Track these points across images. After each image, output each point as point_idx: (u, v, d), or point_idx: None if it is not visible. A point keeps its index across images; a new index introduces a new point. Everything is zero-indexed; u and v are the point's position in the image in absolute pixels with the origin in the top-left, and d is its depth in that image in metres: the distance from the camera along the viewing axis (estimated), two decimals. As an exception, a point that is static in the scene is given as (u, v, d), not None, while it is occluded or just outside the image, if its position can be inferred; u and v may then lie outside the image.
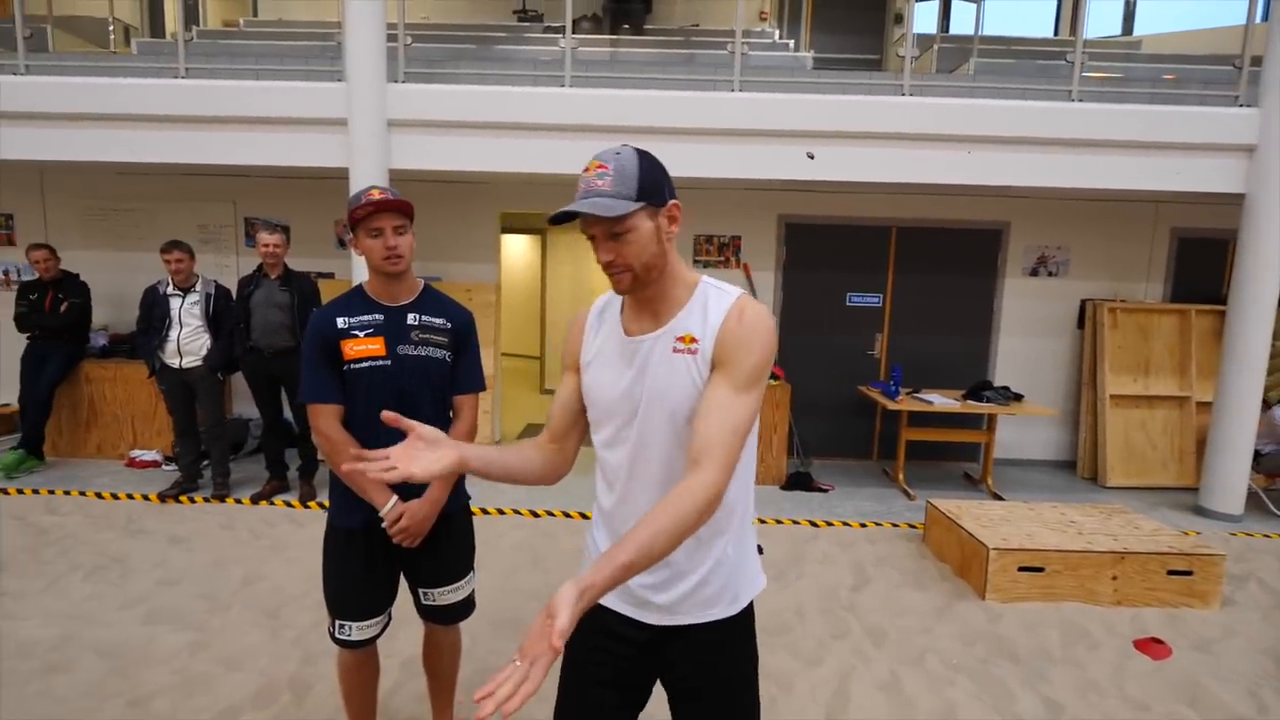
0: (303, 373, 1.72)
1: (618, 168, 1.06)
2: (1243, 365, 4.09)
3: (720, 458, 1.01)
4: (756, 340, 1.07)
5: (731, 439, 1.03)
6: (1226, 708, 2.36)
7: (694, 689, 1.22)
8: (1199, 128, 4.03)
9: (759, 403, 1.09)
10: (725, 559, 1.18)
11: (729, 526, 1.17)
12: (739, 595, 1.21)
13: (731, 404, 1.05)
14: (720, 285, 1.16)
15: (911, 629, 2.83)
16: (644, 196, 1.07)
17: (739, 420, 1.04)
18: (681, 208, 1.14)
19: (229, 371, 4.16)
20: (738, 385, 1.06)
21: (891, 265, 5.19)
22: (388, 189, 1.70)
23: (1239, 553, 3.68)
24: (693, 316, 1.12)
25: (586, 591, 0.87)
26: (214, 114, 4.02)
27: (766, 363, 1.09)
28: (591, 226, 1.07)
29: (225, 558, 3.32)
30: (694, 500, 0.98)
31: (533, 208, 5.20)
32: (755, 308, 1.12)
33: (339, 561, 1.77)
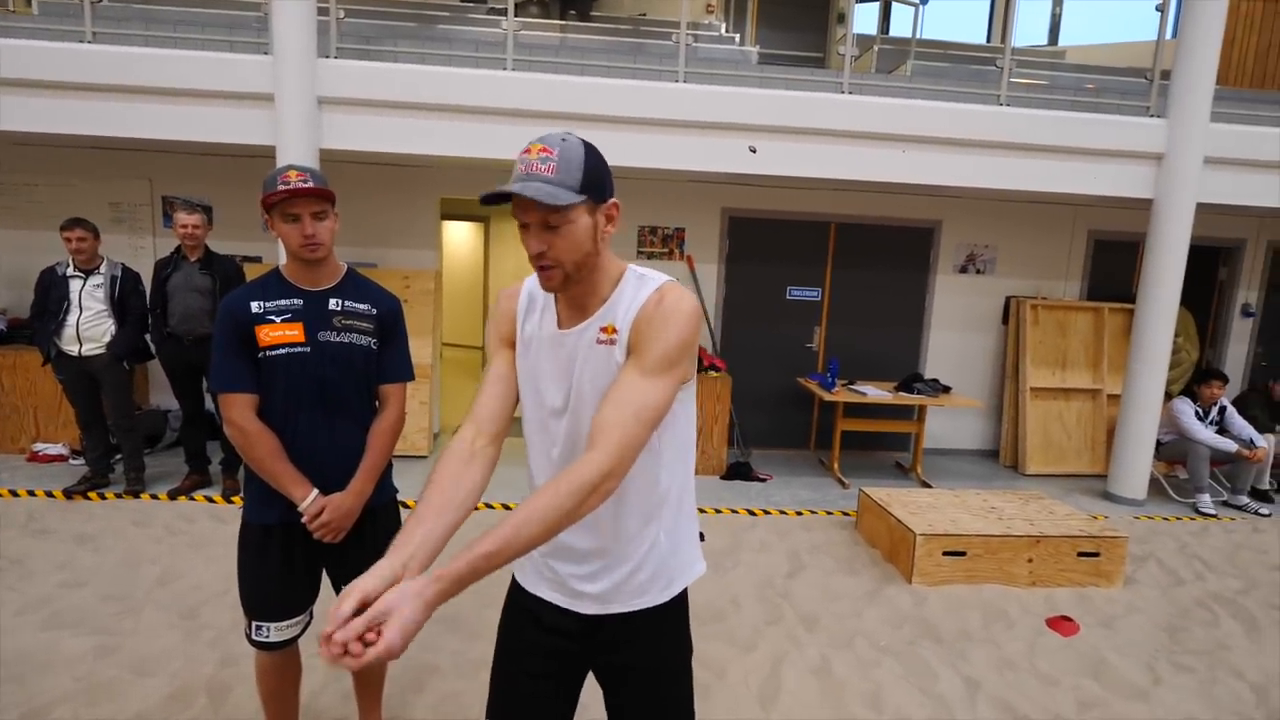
0: (213, 359, 1.63)
1: (563, 154, 1.01)
2: (1148, 361, 4.38)
3: (615, 440, 0.97)
4: (671, 325, 1.04)
5: (631, 422, 0.98)
6: (1126, 680, 2.54)
7: (626, 678, 1.22)
8: (1113, 135, 4.28)
9: (672, 388, 1.04)
10: (658, 545, 1.16)
11: (661, 513, 1.16)
12: (672, 582, 1.20)
13: (637, 387, 1.01)
14: (644, 274, 1.13)
15: (843, 613, 2.92)
16: (586, 190, 1.02)
17: (643, 404, 1.00)
18: (620, 208, 1.11)
19: (137, 360, 3.90)
20: (646, 369, 1.02)
21: (830, 260, 5.31)
22: (307, 170, 1.61)
23: (1141, 535, 3.96)
24: (616, 307, 1.09)
25: (440, 582, 0.83)
26: (127, 83, 3.74)
27: (681, 347, 1.05)
28: (527, 213, 1.01)
29: (138, 556, 3.13)
30: (575, 483, 0.93)
31: (474, 193, 5.07)
32: (676, 294, 1.08)
33: (255, 559, 1.68)
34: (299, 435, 1.65)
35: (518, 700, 1.23)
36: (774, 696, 2.34)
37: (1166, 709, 2.38)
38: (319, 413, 1.66)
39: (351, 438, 1.71)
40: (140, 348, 3.81)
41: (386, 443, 1.74)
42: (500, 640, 1.28)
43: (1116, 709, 2.37)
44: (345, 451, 1.69)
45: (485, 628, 2.69)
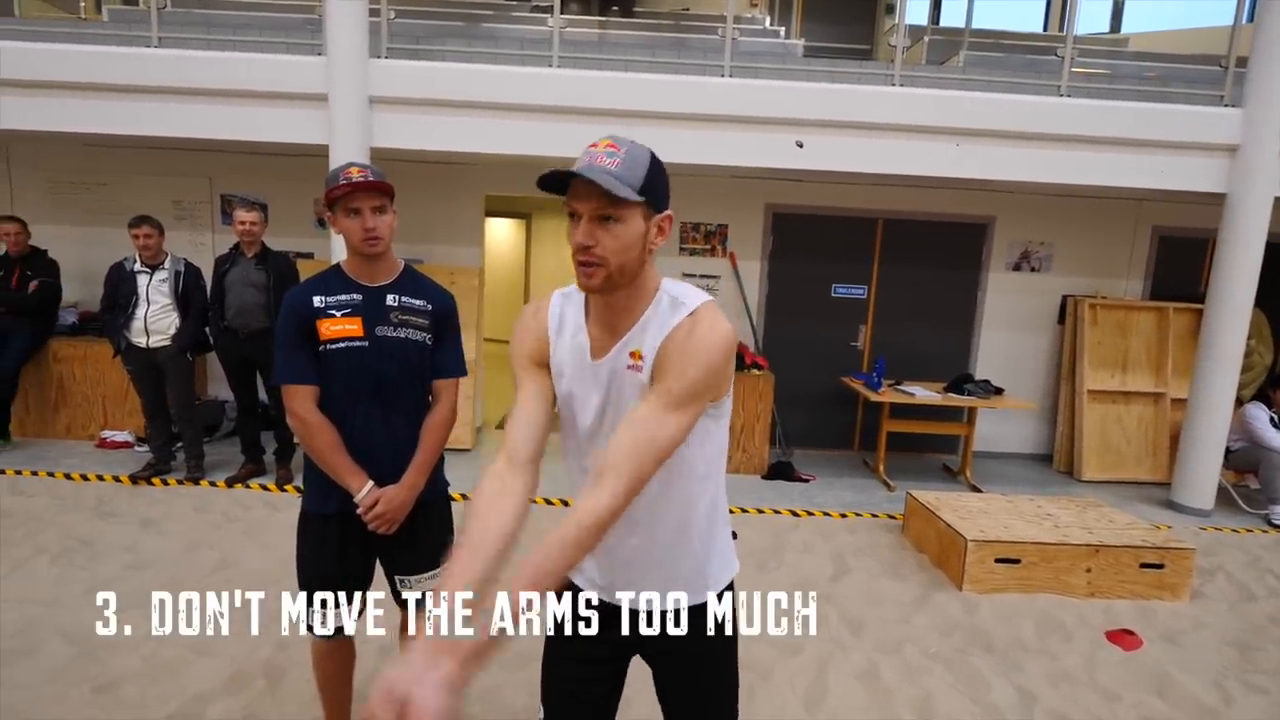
0: (277, 353, 1.67)
1: (629, 153, 1.01)
2: (1219, 363, 4.15)
3: (625, 474, 0.96)
4: (700, 358, 1.00)
5: (645, 457, 0.97)
6: (1194, 698, 2.42)
7: (671, 663, 1.25)
8: (1184, 127, 4.07)
9: (691, 419, 1.00)
10: (693, 552, 1.19)
11: (696, 522, 1.17)
12: (708, 583, 1.21)
13: (654, 420, 0.98)
14: (679, 296, 1.07)
15: (889, 618, 2.86)
16: (647, 193, 1.01)
17: (658, 438, 0.98)
18: (672, 222, 1.09)
19: (200, 351, 4.06)
20: (666, 403, 0.99)
21: (877, 257, 5.19)
22: (368, 166, 1.64)
23: (1208, 546, 3.76)
24: (645, 332, 1.06)
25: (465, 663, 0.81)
26: (189, 85, 3.89)
27: (708, 381, 1.01)
28: (582, 202, 1.00)
29: (198, 541, 3.26)
30: (586, 521, 0.94)
31: (518, 190, 5.12)
32: (709, 322, 1.03)
33: (314, 547, 1.73)
34: (355, 427, 1.69)
35: (570, 685, 1.26)
36: (820, 700, 2.30)
37: (1240, 731, 2.26)
38: (375, 406, 1.69)
39: (405, 431, 1.74)
40: (201, 340, 3.97)
41: (439, 437, 1.77)
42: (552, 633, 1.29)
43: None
44: (399, 444, 1.72)
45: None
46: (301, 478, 4.10)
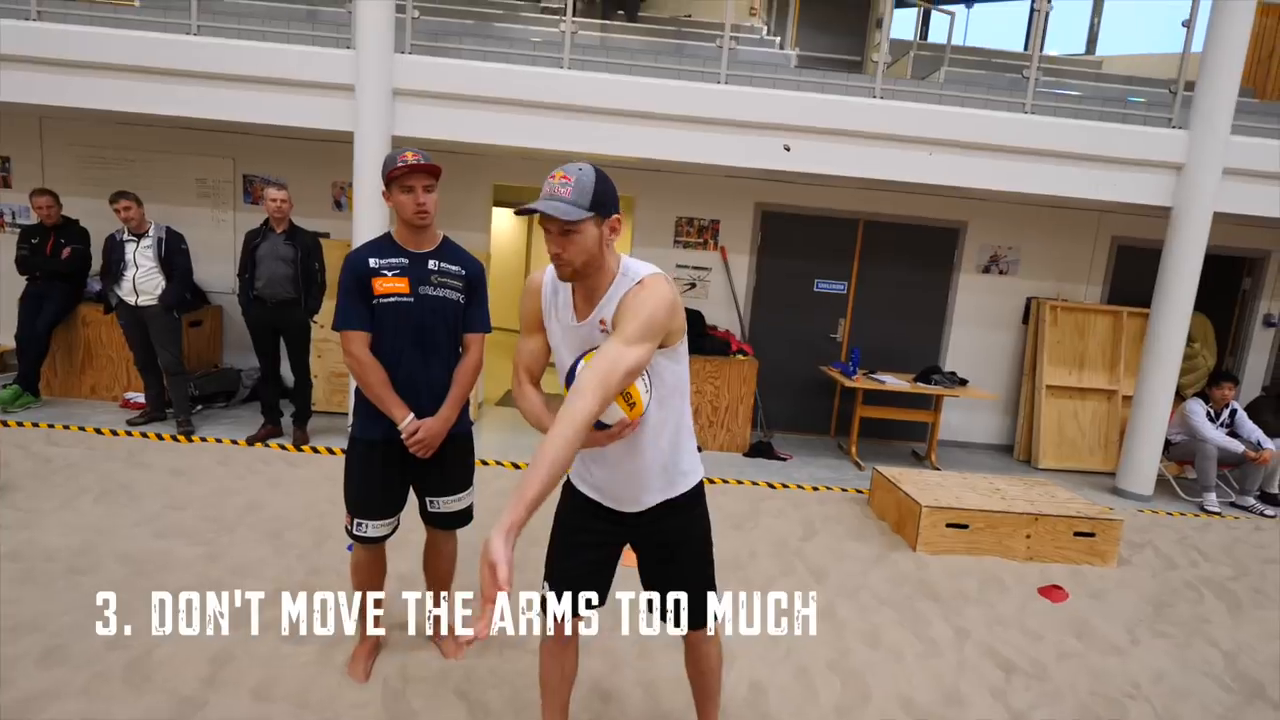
0: (338, 303, 2.00)
1: (578, 180, 1.35)
2: (1160, 363, 4.56)
3: (593, 392, 1.27)
4: (643, 308, 1.35)
5: (607, 375, 1.29)
6: (1106, 639, 2.80)
7: (657, 543, 1.66)
8: (1135, 144, 4.46)
9: (645, 352, 1.34)
10: (663, 456, 1.57)
11: (663, 435, 1.54)
12: (676, 480, 1.62)
13: (613, 350, 1.32)
14: (632, 271, 1.43)
15: (850, 572, 3.22)
16: (595, 208, 1.36)
17: (620, 361, 1.30)
18: (622, 221, 1.44)
19: (183, 310, 4.53)
20: (622, 340, 1.33)
21: (857, 256, 5.57)
22: (420, 151, 1.97)
23: (1143, 526, 4.16)
24: (610, 303, 1.43)
25: (510, 532, 1.15)
26: (225, 72, 4.19)
27: (651, 325, 1.34)
28: (549, 223, 1.36)
29: (226, 489, 3.56)
30: (571, 431, 1.24)
31: (525, 181, 5.46)
32: (651, 286, 1.38)
33: (361, 468, 2.06)
34: (401, 369, 2.02)
35: (574, 564, 1.68)
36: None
37: (1139, 664, 2.63)
38: (417, 352, 2.03)
39: (441, 375, 2.07)
40: (185, 299, 4.45)
41: (468, 380, 2.11)
42: (559, 521, 1.72)
43: (1092, 660, 2.63)
44: (436, 385, 2.06)
45: (528, 560, 3.04)
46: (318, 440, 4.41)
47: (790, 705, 2.23)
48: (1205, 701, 2.44)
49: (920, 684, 2.40)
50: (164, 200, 5.22)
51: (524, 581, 2.55)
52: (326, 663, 2.23)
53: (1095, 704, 2.37)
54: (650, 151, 4.39)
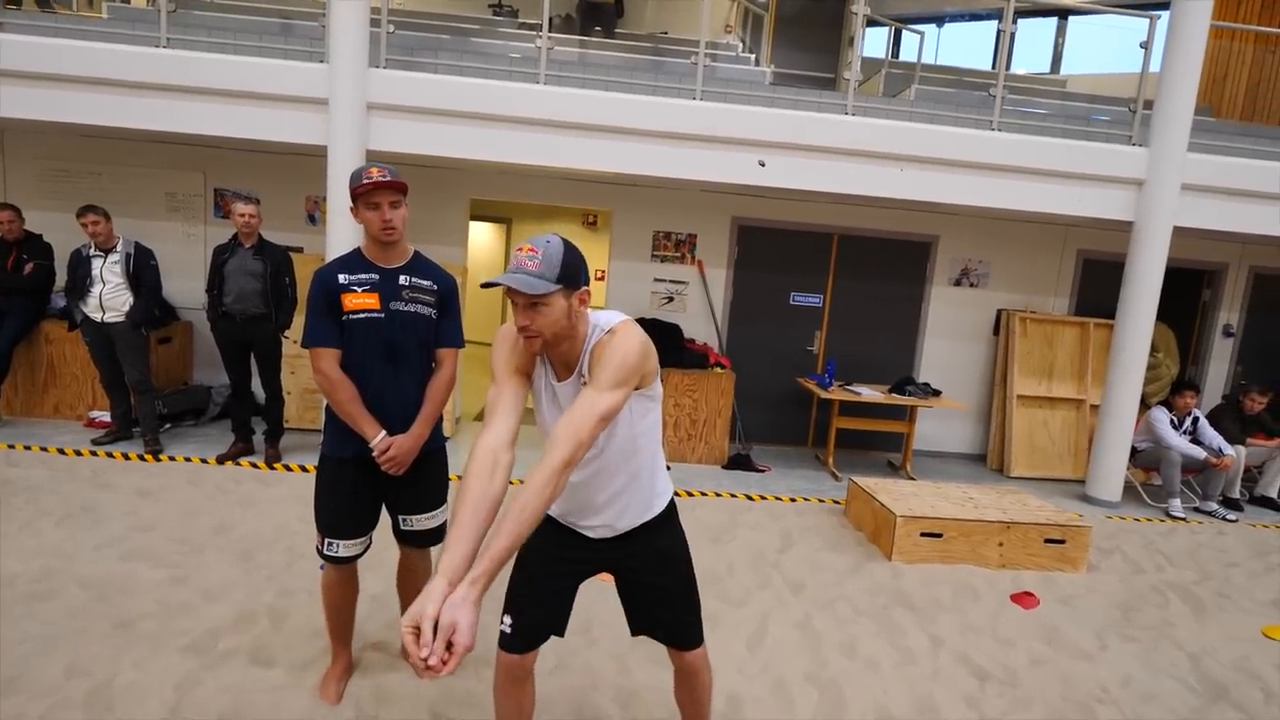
0: (307, 320, 1.98)
1: (545, 254, 1.34)
2: (1125, 372, 4.68)
3: (568, 443, 1.28)
4: (615, 356, 1.36)
5: (580, 425, 1.30)
6: (1075, 645, 2.84)
7: (635, 566, 1.65)
8: (1098, 161, 4.60)
9: (620, 398, 1.36)
10: (641, 487, 1.60)
11: (641, 469, 1.58)
12: (652, 504, 1.63)
13: (588, 399, 1.33)
14: (602, 323, 1.44)
15: (826, 583, 3.24)
16: (562, 280, 1.35)
17: (595, 408, 1.32)
18: (591, 294, 1.45)
19: (151, 327, 4.44)
20: (598, 388, 1.35)
21: (832, 269, 5.65)
22: (386, 167, 1.97)
23: (1111, 532, 4.25)
24: (585, 358, 1.45)
25: (476, 584, 1.11)
26: (196, 85, 4.14)
27: (628, 365, 1.36)
28: (516, 295, 1.34)
29: (195, 509, 3.48)
30: (544, 482, 1.25)
31: (502, 195, 5.47)
32: (622, 334, 1.40)
33: (332, 486, 2.03)
34: (371, 385, 2.00)
35: (536, 592, 1.64)
36: (759, 642, 2.66)
37: (1108, 668, 2.68)
38: (388, 368, 2.01)
39: (413, 390, 2.06)
40: (154, 316, 4.36)
41: (441, 396, 2.09)
42: (527, 550, 1.65)
43: (1063, 665, 2.67)
44: (407, 401, 2.04)
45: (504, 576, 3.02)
46: (290, 458, 4.34)
47: (767, 717, 2.23)
48: (1171, 704, 2.49)
49: (896, 693, 2.41)
50: (132, 215, 5.14)
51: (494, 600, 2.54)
52: (297, 685, 2.18)
53: (1066, 709, 2.41)
54: (627, 166, 4.43)
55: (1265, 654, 2.88)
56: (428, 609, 1.09)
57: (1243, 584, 3.62)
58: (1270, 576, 3.76)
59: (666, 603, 1.66)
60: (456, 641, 1.07)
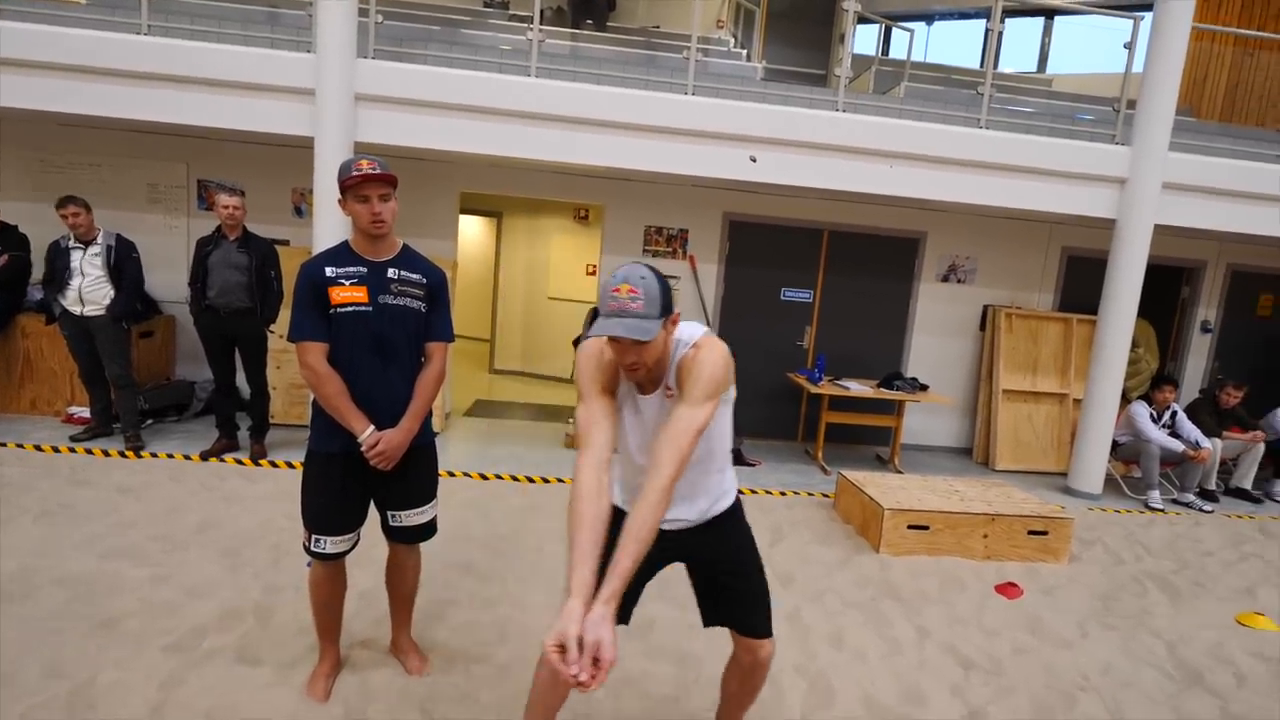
0: (293, 314, 1.95)
1: (646, 291, 1.40)
2: (1106, 368, 4.75)
3: (672, 459, 1.40)
4: (704, 371, 1.46)
5: (683, 442, 1.41)
6: (1057, 634, 2.89)
7: (714, 552, 1.73)
8: (1082, 159, 4.65)
9: (711, 409, 1.46)
10: (711, 484, 1.69)
11: (718, 467, 1.68)
12: (725, 496, 1.74)
13: (684, 416, 1.43)
14: (685, 338, 1.52)
15: (815, 575, 3.26)
16: (663, 313, 1.42)
17: (691, 425, 1.42)
18: (680, 317, 1.52)
19: (133, 321, 4.36)
20: (691, 403, 1.45)
21: (822, 265, 5.67)
22: (376, 159, 1.94)
23: (1092, 524, 4.32)
24: (671, 372, 1.54)
25: (609, 602, 1.26)
26: (178, 73, 4.06)
27: (714, 381, 1.46)
28: (621, 342, 1.41)
29: (178, 507, 3.43)
30: (657, 500, 1.37)
31: (492, 188, 5.43)
32: (707, 347, 1.49)
33: (319, 482, 2.00)
34: (360, 379, 1.98)
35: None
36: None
37: (1089, 656, 2.73)
38: (377, 362, 1.99)
39: (402, 385, 2.04)
40: (135, 310, 4.28)
41: (430, 391, 2.08)
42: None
43: (1045, 654, 2.72)
44: (396, 395, 2.02)
45: (494, 572, 3.02)
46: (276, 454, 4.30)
47: (757, 708, 2.24)
48: (1149, 690, 2.54)
49: (883, 684, 2.44)
50: (113, 206, 5.04)
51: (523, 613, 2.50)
52: (284, 684, 2.16)
53: (1048, 697, 2.45)
54: (618, 161, 4.41)
55: (1238, 640, 2.95)
56: (570, 629, 1.22)
57: (1217, 573, 3.69)
58: (1244, 565, 3.84)
59: (739, 592, 1.73)
60: (602, 656, 1.21)
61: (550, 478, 4.35)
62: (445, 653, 2.40)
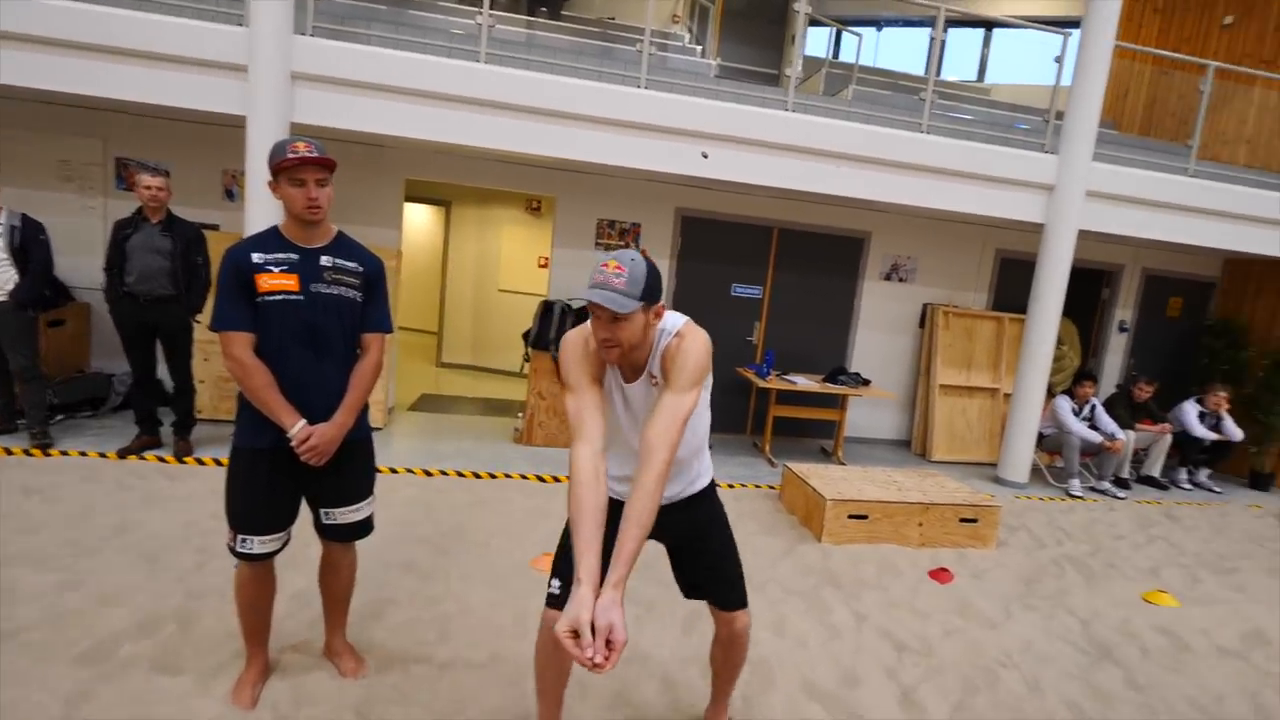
0: (216, 302, 1.84)
1: (631, 272, 1.45)
2: (1032, 364, 5.00)
3: (665, 444, 1.47)
4: (689, 356, 1.53)
5: (673, 429, 1.48)
6: (984, 615, 3.03)
7: (689, 530, 1.80)
8: (1015, 166, 4.87)
9: (696, 395, 1.53)
10: (687, 466, 1.77)
11: (692, 451, 1.75)
12: (701, 477, 1.83)
13: (672, 403, 1.50)
14: (668, 327, 1.58)
15: (760, 565, 3.32)
16: (644, 298, 1.47)
17: (677, 413, 1.50)
18: (665, 309, 1.58)
19: (40, 309, 4.04)
20: (677, 390, 1.52)
21: (772, 262, 5.76)
22: (313, 142, 1.85)
23: (1019, 510, 4.55)
24: (654, 360, 1.60)
25: (618, 587, 1.34)
26: (93, 42, 3.77)
27: (698, 369, 1.53)
28: (600, 309, 1.46)
29: (91, 508, 3.20)
30: (655, 487, 1.44)
31: (439, 176, 5.28)
32: (690, 336, 1.56)
33: (245, 479, 1.90)
34: (291, 371, 1.88)
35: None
36: (694, 625, 2.70)
37: (1011, 635, 2.88)
38: (310, 353, 1.90)
39: (336, 377, 1.95)
40: (43, 296, 3.97)
41: (367, 383, 2.00)
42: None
43: (973, 634, 2.85)
44: (330, 389, 1.94)
45: (437, 570, 2.95)
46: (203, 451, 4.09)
47: (699, 697, 2.27)
48: (1064, 665, 2.70)
49: (822, 668, 2.50)
50: (18, 183, 4.66)
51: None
52: (207, 693, 2.05)
53: (974, 675, 2.56)
54: (570, 152, 4.35)
55: (1144, 616, 3.17)
56: (582, 615, 1.30)
57: (1128, 554, 3.96)
58: (1151, 547, 4.13)
59: (711, 567, 1.82)
60: (615, 639, 1.28)
61: (498, 473, 4.28)
62: (383, 654, 2.32)
